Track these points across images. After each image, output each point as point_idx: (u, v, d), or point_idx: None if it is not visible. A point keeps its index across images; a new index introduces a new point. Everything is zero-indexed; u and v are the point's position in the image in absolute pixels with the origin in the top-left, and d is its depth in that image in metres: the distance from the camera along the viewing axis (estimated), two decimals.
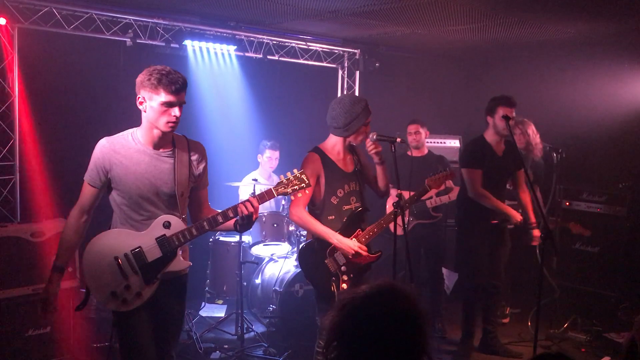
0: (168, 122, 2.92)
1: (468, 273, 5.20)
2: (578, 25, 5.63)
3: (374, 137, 3.76)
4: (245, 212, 2.99)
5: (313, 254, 3.81)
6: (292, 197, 3.24)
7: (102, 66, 5.66)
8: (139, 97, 2.92)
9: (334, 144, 3.88)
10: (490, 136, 4.95)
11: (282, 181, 3.17)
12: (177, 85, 2.86)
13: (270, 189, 3.13)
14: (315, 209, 3.86)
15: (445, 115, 7.41)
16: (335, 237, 3.74)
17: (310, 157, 3.83)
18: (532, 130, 5.63)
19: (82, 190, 3.05)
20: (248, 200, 3.03)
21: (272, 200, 6.25)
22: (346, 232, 3.81)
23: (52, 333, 4.49)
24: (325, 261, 3.77)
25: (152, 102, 2.89)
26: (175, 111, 2.90)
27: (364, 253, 3.77)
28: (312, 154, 3.85)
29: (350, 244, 3.74)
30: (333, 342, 1.63)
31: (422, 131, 5.75)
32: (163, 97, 2.86)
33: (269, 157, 6.21)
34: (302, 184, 3.17)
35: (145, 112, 2.93)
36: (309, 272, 3.88)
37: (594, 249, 5.94)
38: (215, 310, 6.05)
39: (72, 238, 3.08)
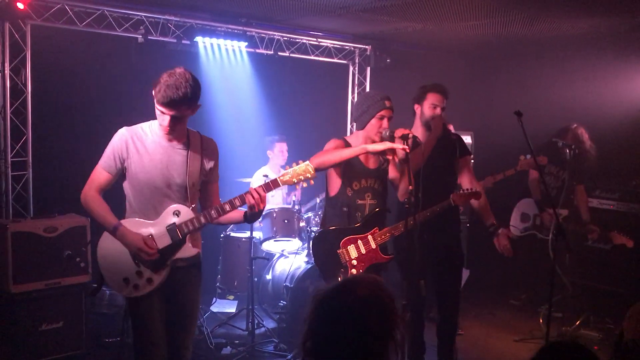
0: (162, 126, 3.04)
1: None
2: (591, 20, 5.59)
3: (386, 133, 3.74)
4: (252, 201, 3.08)
5: (327, 242, 3.81)
6: (297, 188, 3.27)
7: (114, 63, 5.69)
8: (153, 91, 3.00)
9: (355, 138, 3.90)
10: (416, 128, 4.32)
11: (288, 171, 3.22)
12: (167, 100, 2.91)
13: (276, 178, 3.18)
14: (333, 198, 3.89)
15: (457, 110, 7.39)
16: (366, 147, 3.65)
17: (336, 141, 3.86)
18: (584, 135, 5.62)
19: (93, 175, 3.12)
20: (255, 189, 3.11)
21: (282, 195, 6.36)
22: (364, 228, 3.82)
23: (65, 327, 4.54)
24: (338, 251, 3.77)
25: (156, 106, 3.00)
26: (165, 120, 2.98)
27: (394, 146, 3.59)
28: (338, 139, 3.89)
29: (382, 144, 3.64)
30: (308, 333, 1.75)
31: None
32: (158, 105, 2.97)
33: (280, 151, 6.25)
34: (308, 174, 3.20)
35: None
36: (319, 258, 3.87)
37: (607, 246, 5.89)
38: (226, 306, 6.07)
39: (106, 205, 3.11)
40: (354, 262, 3.78)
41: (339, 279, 3.70)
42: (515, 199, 6.08)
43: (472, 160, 6.70)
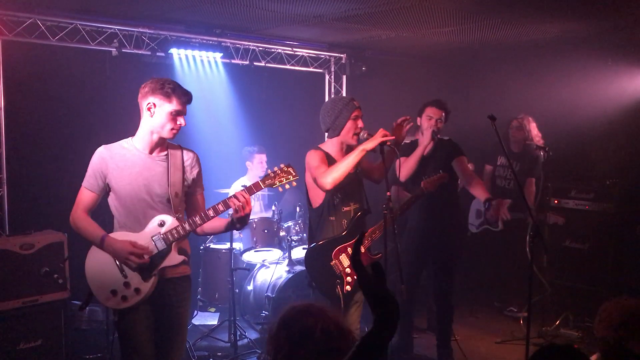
0: (172, 129, 3.13)
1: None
2: (561, 24, 5.68)
3: (365, 135, 3.79)
4: (237, 203, 3.11)
5: (319, 257, 3.80)
6: (280, 190, 3.34)
7: (88, 76, 5.65)
8: (148, 103, 3.09)
9: (330, 146, 3.92)
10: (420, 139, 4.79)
11: (269, 174, 3.29)
12: (188, 97, 3.15)
13: (258, 181, 3.25)
14: (317, 209, 3.88)
15: None
16: (365, 144, 3.68)
17: (317, 152, 3.84)
18: (532, 126, 5.92)
19: (79, 197, 3.19)
20: (239, 192, 3.16)
21: (260, 206, 6.34)
22: (351, 235, 3.83)
23: (43, 345, 4.46)
24: (331, 263, 3.77)
25: (161, 109, 3.09)
26: (182, 120, 3.13)
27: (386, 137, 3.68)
28: (314, 150, 3.88)
29: (376, 138, 3.68)
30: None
31: None
32: (175, 105, 3.09)
33: (259, 162, 6.24)
34: (290, 176, 3.29)
35: (151, 116, 3.10)
36: (315, 274, 3.85)
37: (584, 246, 5.98)
38: (207, 318, 6.03)
39: (93, 222, 3.18)
40: (347, 270, 3.79)
41: (337, 290, 3.72)
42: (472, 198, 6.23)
43: None
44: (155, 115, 3.10)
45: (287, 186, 3.31)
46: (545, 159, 5.47)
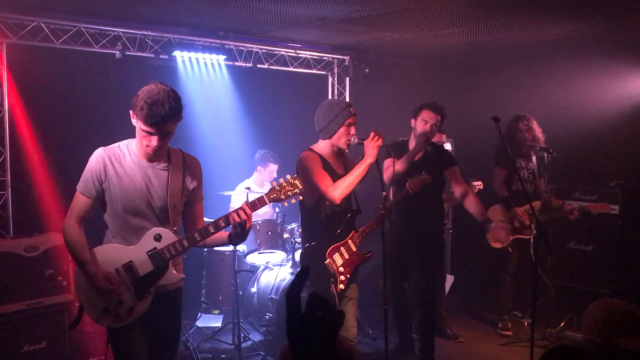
0: (147, 146, 2.91)
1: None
2: (565, 25, 5.68)
3: (355, 140, 3.80)
4: (238, 219, 2.94)
5: (314, 256, 3.83)
6: (285, 204, 3.22)
7: (92, 79, 5.66)
8: (131, 112, 2.90)
9: (322, 147, 3.93)
10: (411, 141, 4.84)
11: (275, 187, 3.10)
12: (154, 119, 2.79)
13: (262, 195, 3.06)
14: (310, 209, 3.90)
15: None
16: (371, 160, 3.68)
17: (312, 156, 3.85)
18: (535, 124, 5.80)
19: (74, 201, 3.01)
20: (241, 208, 2.98)
21: (266, 207, 6.34)
22: (343, 234, 3.88)
23: (48, 348, 4.47)
24: (325, 262, 3.79)
25: (136, 123, 2.89)
26: (153, 141, 2.87)
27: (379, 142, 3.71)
28: (310, 153, 3.88)
29: (374, 148, 3.70)
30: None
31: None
32: (141, 124, 2.84)
33: (270, 172, 6.24)
34: (296, 190, 3.09)
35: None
36: (310, 275, 3.86)
37: (588, 248, 5.97)
38: (211, 321, 6.04)
39: (81, 239, 2.99)
40: (341, 269, 3.83)
41: (331, 288, 3.75)
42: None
43: None
44: (136, 127, 2.91)
45: (292, 200, 3.12)
46: (549, 161, 5.45)
